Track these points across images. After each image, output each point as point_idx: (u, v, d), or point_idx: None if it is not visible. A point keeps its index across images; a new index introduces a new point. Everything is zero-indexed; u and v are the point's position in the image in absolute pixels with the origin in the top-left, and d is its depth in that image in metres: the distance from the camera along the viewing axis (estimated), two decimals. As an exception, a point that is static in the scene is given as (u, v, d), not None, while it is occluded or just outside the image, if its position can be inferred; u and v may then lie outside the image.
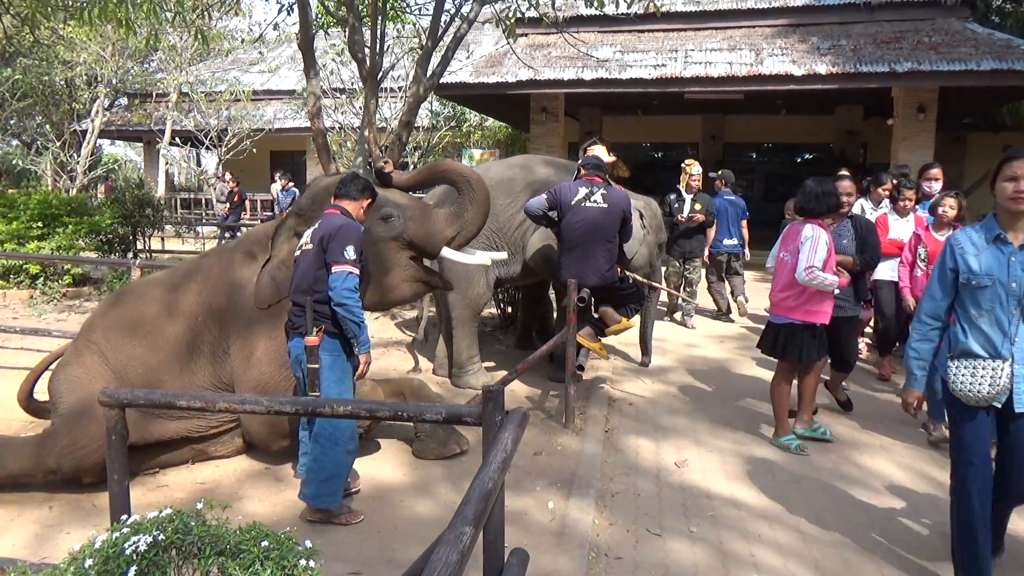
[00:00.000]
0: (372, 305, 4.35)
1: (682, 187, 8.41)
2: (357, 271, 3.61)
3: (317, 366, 3.63)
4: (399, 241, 4.29)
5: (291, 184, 15.80)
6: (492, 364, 6.57)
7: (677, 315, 8.94)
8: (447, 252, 4.48)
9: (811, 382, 4.90)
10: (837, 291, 4.77)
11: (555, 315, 7.00)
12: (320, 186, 4.44)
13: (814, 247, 4.54)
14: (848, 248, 5.07)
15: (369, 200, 3.92)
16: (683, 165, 8.49)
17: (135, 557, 1.85)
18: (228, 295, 4.24)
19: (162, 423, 4.13)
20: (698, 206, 8.32)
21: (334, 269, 3.56)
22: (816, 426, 5.02)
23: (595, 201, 5.19)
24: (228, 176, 15.75)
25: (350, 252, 3.58)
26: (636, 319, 5.63)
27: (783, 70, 12.06)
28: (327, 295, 3.59)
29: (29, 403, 4.40)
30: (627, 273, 5.66)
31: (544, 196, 5.34)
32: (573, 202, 5.22)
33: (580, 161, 5.61)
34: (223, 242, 13.28)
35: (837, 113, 18.40)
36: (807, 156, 22.10)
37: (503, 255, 5.35)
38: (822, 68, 11.90)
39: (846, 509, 3.92)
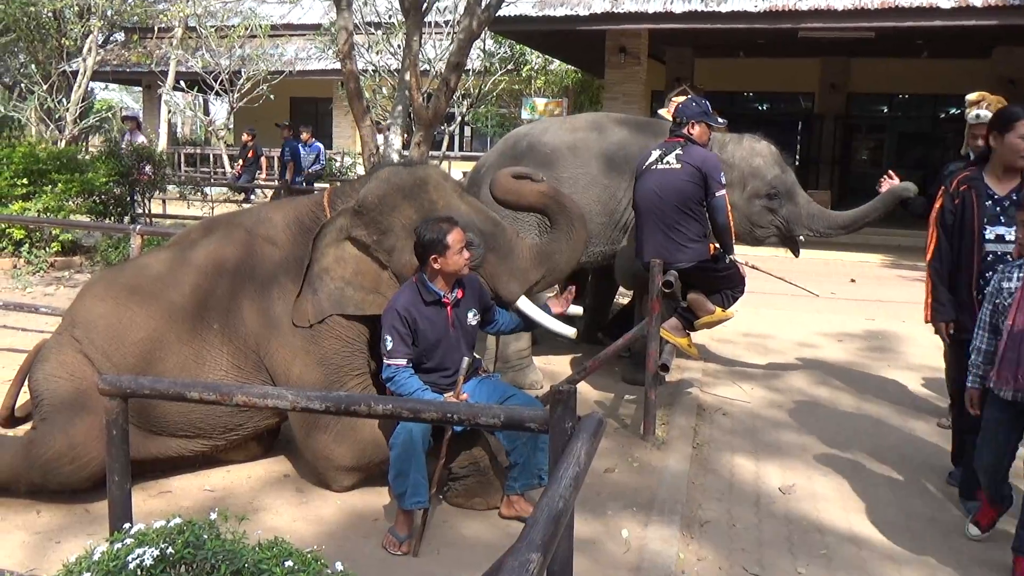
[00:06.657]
0: None
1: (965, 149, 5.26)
2: (396, 362, 3.84)
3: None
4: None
5: (313, 139, 15.98)
6: (551, 360, 6.59)
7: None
8: (523, 304, 4.38)
9: None
10: None
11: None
12: (393, 184, 4.28)
13: None
14: None
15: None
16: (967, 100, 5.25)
17: (140, 572, 1.92)
18: (249, 298, 4.20)
19: (163, 441, 4.13)
20: None
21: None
22: None
23: (667, 163, 5.15)
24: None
25: (388, 343, 3.87)
26: (734, 309, 5.56)
27: (926, 2, 11.72)
28: None
29: (11, 421, 4.33)
30: (723, 252, 5.59)
31: None
32: (644, 167, 5.22)
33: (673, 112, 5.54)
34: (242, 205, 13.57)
35: (994, 56, 17.73)
36: (953, 111, 21.36)
37: (579, 310, 5.01)
38: (977, -1, 11.52)
39: (990, 553, 3.82)
